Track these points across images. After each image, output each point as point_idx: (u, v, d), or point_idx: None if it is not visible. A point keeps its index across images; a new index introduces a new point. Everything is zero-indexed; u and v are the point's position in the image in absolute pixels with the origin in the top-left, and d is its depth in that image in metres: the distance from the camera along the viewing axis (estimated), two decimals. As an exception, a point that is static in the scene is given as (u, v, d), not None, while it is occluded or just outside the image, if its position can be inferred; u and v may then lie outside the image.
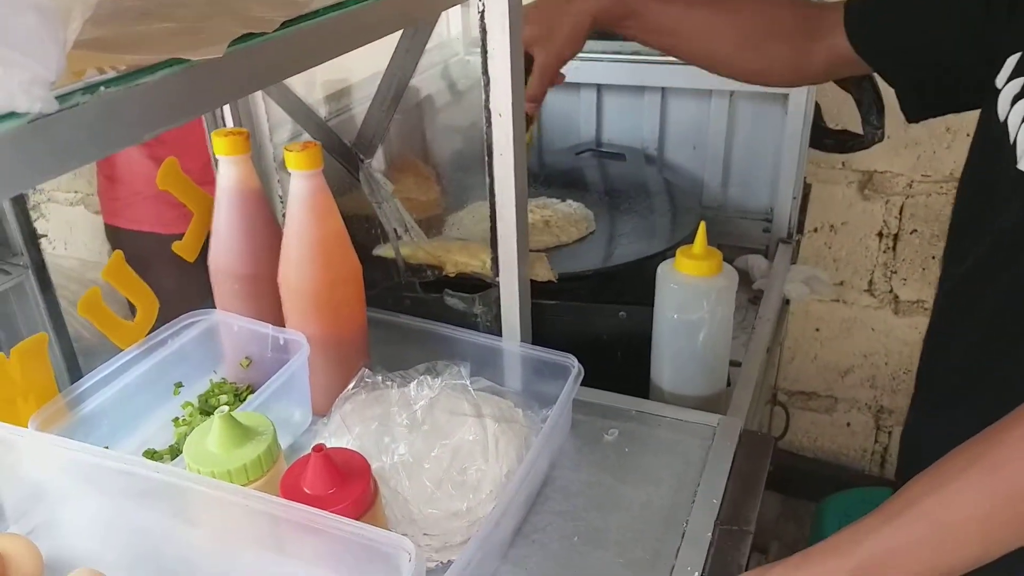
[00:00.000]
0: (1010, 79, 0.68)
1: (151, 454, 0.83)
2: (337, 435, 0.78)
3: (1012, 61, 0.69)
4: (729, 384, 0.98)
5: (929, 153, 1.60)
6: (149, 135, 0.42)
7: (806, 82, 1.02)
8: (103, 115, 0.39)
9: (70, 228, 2.37)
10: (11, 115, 0.34)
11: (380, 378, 0.83)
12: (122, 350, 0.85)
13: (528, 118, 1.01)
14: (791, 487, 1.95)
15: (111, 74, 0.40)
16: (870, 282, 1.77)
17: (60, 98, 0.36)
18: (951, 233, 0.81)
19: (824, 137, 1.32)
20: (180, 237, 0.97)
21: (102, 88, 0.39)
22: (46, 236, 2.42)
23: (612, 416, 0.89)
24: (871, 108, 1.28)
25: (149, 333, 0.89)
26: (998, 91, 0.69)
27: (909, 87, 0.86)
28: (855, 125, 1.32)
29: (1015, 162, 0.66)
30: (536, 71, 0.96)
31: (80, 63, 0.40)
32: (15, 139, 0.35)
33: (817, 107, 1.28)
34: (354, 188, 1.04)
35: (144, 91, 0.40)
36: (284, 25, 0.49)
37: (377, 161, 1.06)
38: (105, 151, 0.40)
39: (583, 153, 1.42)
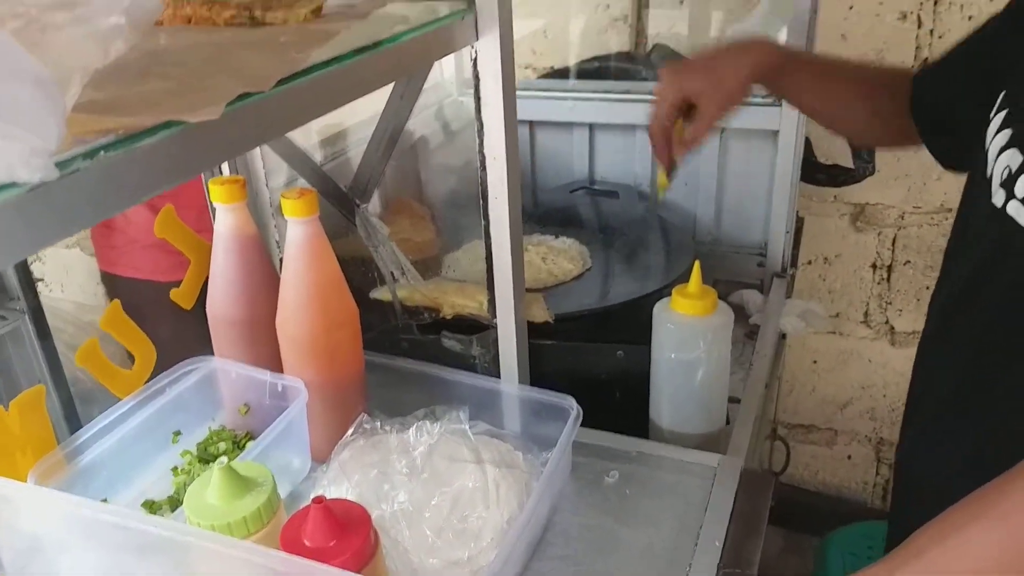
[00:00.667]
0: (996, 111, 0.70)
1: (150, 505, 0.82)
2: (336, 483, 0.77)
3: (1001, 96, 0.70)
4: (728, 422, 0.98)
5: (919, 185, 1.62)
6: (149, 196, 0.42)
7: (908, 146, 1.07)
8: (103, 179, 0.39)
9: (66, 271, 2.37)
10: (12, 183, 0.34)
11: (379, 423, 0.83)
12: (120, 399, 0.85)
13: (673, 163, 1.00)
14: (793, 521, 1.93)
15: (110, 138, 0.40)
16: (866, 313, 1.78)
17: (60, 164, 0.37)
18: (943, 264, 0.82)
19: (816, 172, 1.33)
20: (177, 284, 0.97)
21: (102, 152, 0.39)
22: (43, 280, 2.42)
23: (612, 457, 0.89)
24: (861, 143, 1.30)
25: (147, 381, 0.88)
26: (989, 122, 0.71)
27: (943, 154, 0.88)
28: (846, 159, 1.34)
29: (990, 196, 0.67)
30: (703, 119, 0.95)
31: (79, 126, 0.40)
32: (17, 206, 0.35)
33: (808, 142, 1.29)
34: (350, 231, 1.05)
35: (143, 153, 0.41)
36: (280, 82, 0.50)
37: (372, 203, 1.07)
38: (107, 213, 0.40)
39: (577, 191, 1.43)
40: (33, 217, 0.36)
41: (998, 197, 0.65)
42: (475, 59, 0.76)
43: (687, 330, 0.89)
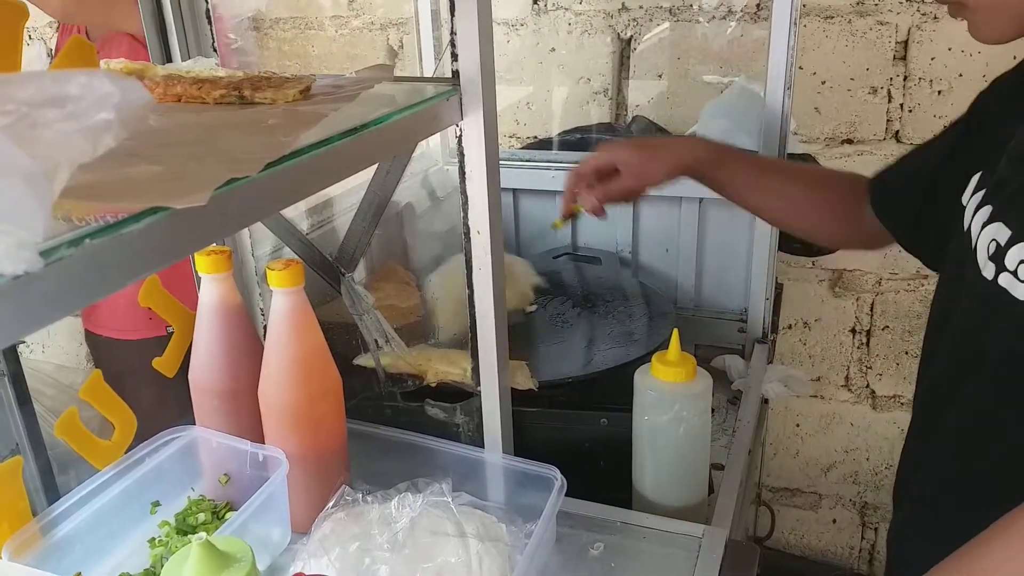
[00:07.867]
0: (973, 193, 0.72)
1: (125, 578, 0.81)
2: (316, 557, 0.76)
3: (975, 179, 0.73)
4: (712, 490, 0.98)
5: (895, 251, 1.64)
6: (135, 280, 0.43)
7: (863, 247, 1.09)
8: (89, 266, 0.39)
9: (48, 332, 2.35)
10: (-3, 274, 0.35)
11: (360, 495, 0.82)
12: (99, 470, 0.84)
13: (573, 213, 1.05)
14: (780, 587, 1.92)
15: (96, 224, 0.40)
16: (846, 377, 1.79)
17: (45, 253, 0.37)
18: (925, 341, 0.82)
19: (793, 241, 1.36)
20: (159, 340, 0.97)
21: (87, 240, 0.39)
22: (24, 341, 2.39)
23: (597, 528, 0.88)
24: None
25: (128, 449, 0.88)
26: (964, 207, 0.73)
27: (928, 252, 0.89)
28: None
29: (979, 270, 0.68)
30: (617, 184, 1.00)
31: (65, 210, 0.41)
32: (1, 295, 0.35)
33: (786, 211, 1.32)
34: (335, 297, 1.05)
35: (130, 239, 0.41)
36: (268, 165, 0.51)
37: (358, 269, 1.07)
38: (94, 299, 0.40)
39: (560, 257, 1.45)
40: (18, 305, 0.36)
41: (988, 270, 0.66)
42: (459, 136, 0.77)
43: (666, 396, 0.90)
